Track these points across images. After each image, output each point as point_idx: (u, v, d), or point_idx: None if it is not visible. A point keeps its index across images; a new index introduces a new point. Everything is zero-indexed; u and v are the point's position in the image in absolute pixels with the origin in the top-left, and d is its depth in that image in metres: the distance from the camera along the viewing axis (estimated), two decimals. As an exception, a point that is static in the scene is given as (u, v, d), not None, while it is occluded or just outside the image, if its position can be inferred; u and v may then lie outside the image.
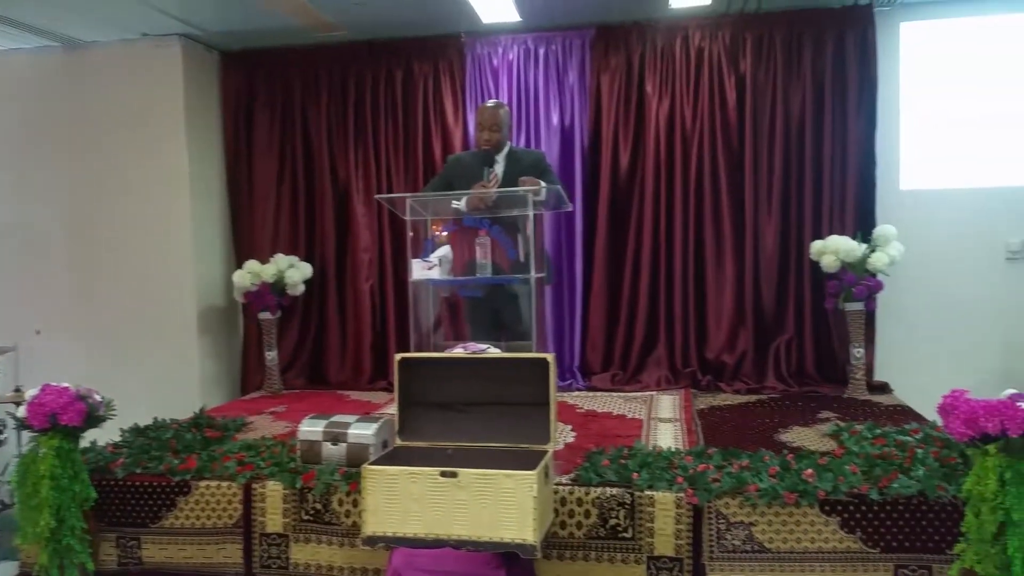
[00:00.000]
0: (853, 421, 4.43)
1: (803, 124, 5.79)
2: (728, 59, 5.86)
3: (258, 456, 3.90)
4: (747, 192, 5.84)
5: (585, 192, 6.06)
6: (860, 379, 5.36)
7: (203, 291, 6.18)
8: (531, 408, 3.35)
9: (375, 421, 3.75)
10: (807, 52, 5.76)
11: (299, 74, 6.39)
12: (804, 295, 5.78)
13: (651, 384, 5.82)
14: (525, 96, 6.13)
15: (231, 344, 6.50)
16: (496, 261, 4.20)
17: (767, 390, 5.61)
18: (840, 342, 5.64)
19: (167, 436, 4.24)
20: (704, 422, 4.70)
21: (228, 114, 6.45)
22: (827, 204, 5.75)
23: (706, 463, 3.55)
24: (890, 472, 3.36)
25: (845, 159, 5.72)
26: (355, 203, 6.33)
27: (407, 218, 4.22)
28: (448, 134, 6.19)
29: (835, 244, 5.35)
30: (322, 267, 6.38)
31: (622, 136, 5.99)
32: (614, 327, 6.02)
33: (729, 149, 5.85)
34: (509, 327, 4.45)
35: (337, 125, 6.37)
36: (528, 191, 4.02)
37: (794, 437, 4.31)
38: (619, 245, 6.02)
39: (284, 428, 4.76)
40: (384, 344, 6.31)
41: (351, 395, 5.93)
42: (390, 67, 6.28)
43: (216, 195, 6.41)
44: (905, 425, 4.20)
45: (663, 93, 5.94)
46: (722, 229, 5.87)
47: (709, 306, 5.90)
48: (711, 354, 5.86)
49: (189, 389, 5.98)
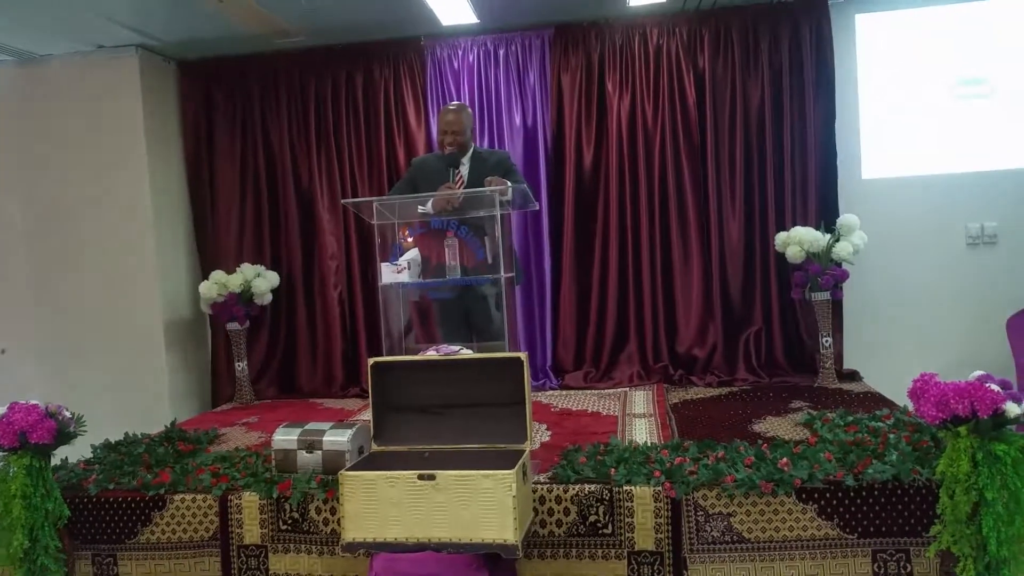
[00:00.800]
0: (825, 409, 4.47)
1: (763, 117, 5.83)
2: (687, 55, 5.89)
3: (233, 467, 3.87)
4: (710, 186, 5.88)
5: (550, 191, 6.07)
6: (830, 368, 5.40)
7: (169, 304, 6.10)
8: (506, 408, 3.35)
9: (350, 427, 3.73)
10: (764, 46, 5.81)
11: (258, 81, 6.34)
12: (771, 286, 5.83)
13: (624, 381, 5.83)
14: (487, 97, 6.13)
15: (200, 356, 6.43)
16: (464, 262, 4.19)
17: (738, 382, 5.65)
18: (808, 332, 5.70)
19: (139, 451, 4.19)
20: (678, 416, 4.72)
21: (188, 124, 6.38)
22: (790, 195, 5.80)
23: (682, 456, 3.57)
24: (864, 458, 3.38)
25: (806, 150, 5.77)
26: (320, 210, 6.29)
27: (374, 222, 4.18)
28: (411, 137, 6.17)
29: (799, 235, 5.38)
30: (289, 275, 6.33)
31: (585, 134, 6.01)
32: (585, 325, 6.03)
33: (691, 144, 5.88)
34: (480, 328, 4.43)
35: (299, 132, 6.33)
36: (494, 191, 4.01)
37: (768, 427, 4.33)
38: (586, 243, 6.03)
39: (257, 438, 4.73)
40: (355, 351, 6.27)
41: (324, 403, 5.88)
42: (350, 72, 6.25)
43: (179, 206, 6.34)
44: (876, 411, 4.23)
45: (624, 91, 5.97)
46: (687, 224, 5.90)
47: (678, 301, 5.93)
48: (682, 348, 5.89)
49: (159, 403, 5.91)
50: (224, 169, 6.38)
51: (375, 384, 3.45)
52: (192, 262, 6.43)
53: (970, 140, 5.80)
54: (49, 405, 3.56)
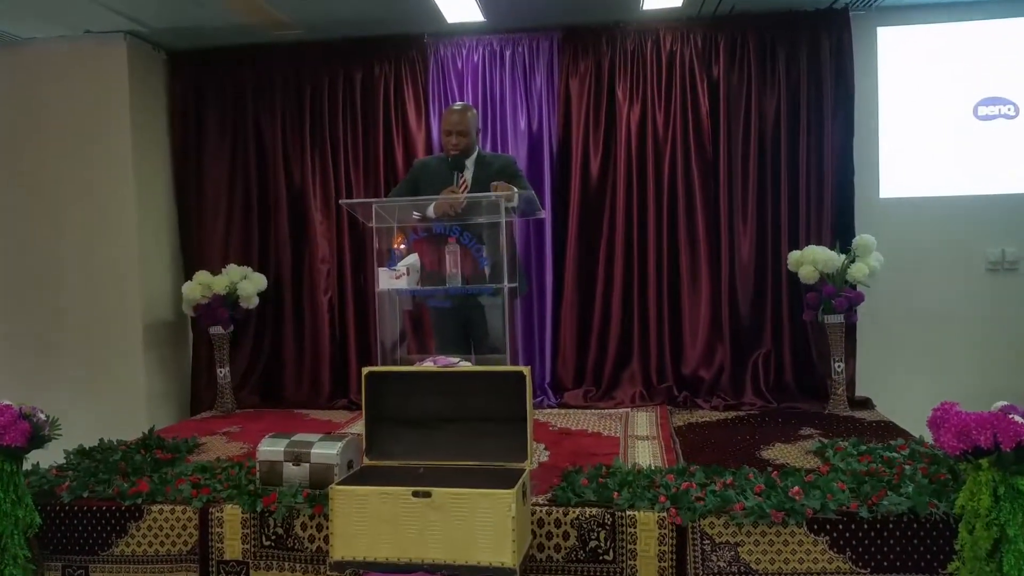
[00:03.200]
0: (837, 437, 4.46)
1: (778, 130, 5.85)
2: (701, 64, 5.91)
3: (214, 478, 3.85)
4: (722, 201, 5.89)
5: (554, 200, 6.07)
6: (841, 394, 5.39)
7: (150, 304, 6.07)
8: (506, 424, 3.34)
9: (339, 440, 3.71)
10: (781, 56, 5.83)
11: (252, 75, 6.33)
12: (782, 307, 5.83)
13: (626, 401, 5.82)
14: (491, 100, 6.13)
15: (180, 361, 6.40)
16: (465, 270, 4.19)
17: (746, 406, 5.64)
18: (820, 356, 5.69)
19: (115, 458, 4.18)
20: (683, 439, 4.72)
21: (176, 117, 6.37)
22: (804, 213, 5.81)
23: (689, 481, 3.56)
24: (879, 489, 3.38)
25: (822, 166, 5.79)
26: (312, 211, 6.27)
27: (372, 225, 4.18)
28: (410, 139, 6.16)
29: (813, 254, 5.38)
30: (277, 279, 6.30)
31: (592, 142, 6.02)
32: (586, 341, 6.02)
33: (702, 156, 5.89)
34: (479, 340, 4.44)
35: (292, 129, 6.32)
36: (500, 197, 4.01)
37: (777, 454, 4.33)
38: (590, 255, 6.03)
39: (240, 449, 4.71)
40: (344, 360, 6.25)
41: (310, 414, 5.86)
42: (349, 68, 6.25)
43: (163, 202, 6.32)
44: (891, 441, 4.25)
45: (634, 98, 5.98)
46: (696, 239, 5.91)
47: (684, 319, 5.93)
48: (687, 369, 5.88)
49: (135, 409, 5.87)
50: (213, 165, 6.37)
51: (369, 395, 3.44)
52: (175, 261, 6.40)
53: (993, 161, 5.82)
54: (23, 406, 3.53)
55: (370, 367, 3.48)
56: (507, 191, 4.08)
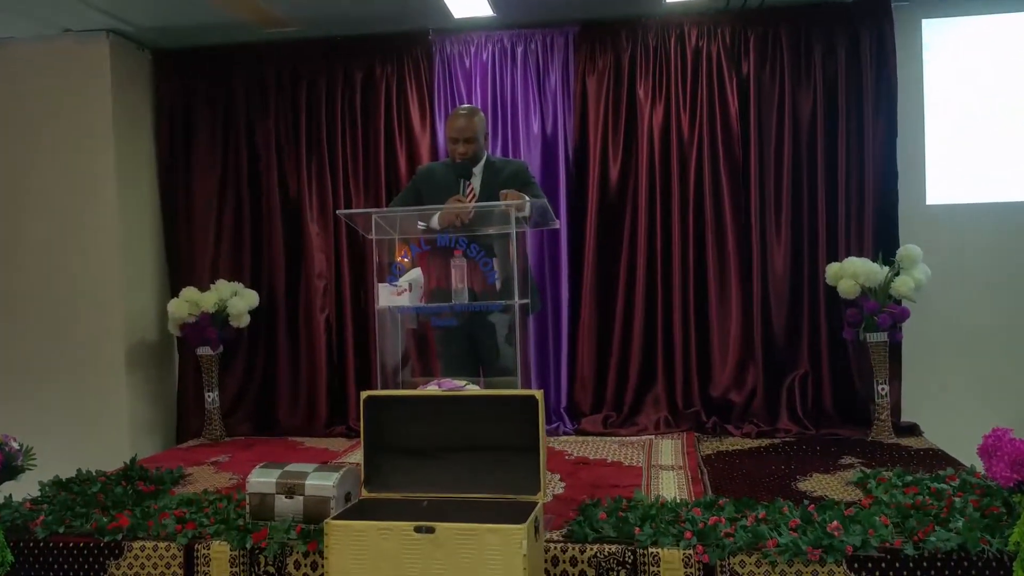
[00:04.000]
0: (880, 467, 4.44)
1: (815, 132, 5.84)
2: (729, 60, 5.91)
3: (201, 512, 3.85)
4: (753, 209, 5.88)
5: (570, 209, 6.08)
6: (885, 420, 5.37)
7: (133, 323, 6.09)
8: (517, 453, 3.33)
9: (336, 470, 3.71)
10: (817, 52, 5.83)
11: (244, 76, 6.37)
12: (820, 325, 5.80)
13: (649, 427, 5.81)
14: (502, 101, 6.16)
15: (165, 384, 6.42)
16: (473, 286, 4.18)
17: (780, 433, 5.61)
18: (862, 378, 5.66)
19: (94, 490, 4.18)
20: (711, 469, 4.70)
21: (162, 121, 6.41)
22: (843, 222, 5.79)
23: (718, 516, 3.54)
24: (926, 524, 3.35)
25: (863, 171, 5.77)
26: (308, 222, 6.29)
27: (372, 237, 4.18)
28: (414, 144, 6.18)
29: (853, 267, 5.37)
30: (270, 296, 6.32)
31: (611, 146, 6.02)
32: (606, 362, 6.01)
33: (732, 160, 5.89)
34: (488, 361, 4.44)
35: (287, 134, 6.35)
36: (511, 206, 4.01)
37: (814, 486, 4.31)
38: (610, 269, 6.02)
39: (229, 480, 4.71)
40: (342, 384, 6.26)
41: (305, 442, 5.87)
42: (348, 68, 6.28)
43: (148, 212, 6.35)
44: (939, 471, 4.22)
45: (657, 98, 5.99)
46: (726, 250, 5.90)
47: (713, 338, 5.91)
48: (716, 392, 5.86)
49: (117, 436, 5.88)
50: (201, 173, 6.40)
51: (368, 421, 3.43)
52: (161, 276, 6.43)
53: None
54: (-6, 434, 3.54)
55: (370, 391, 3.47)
56: (518, 199, 4.07)
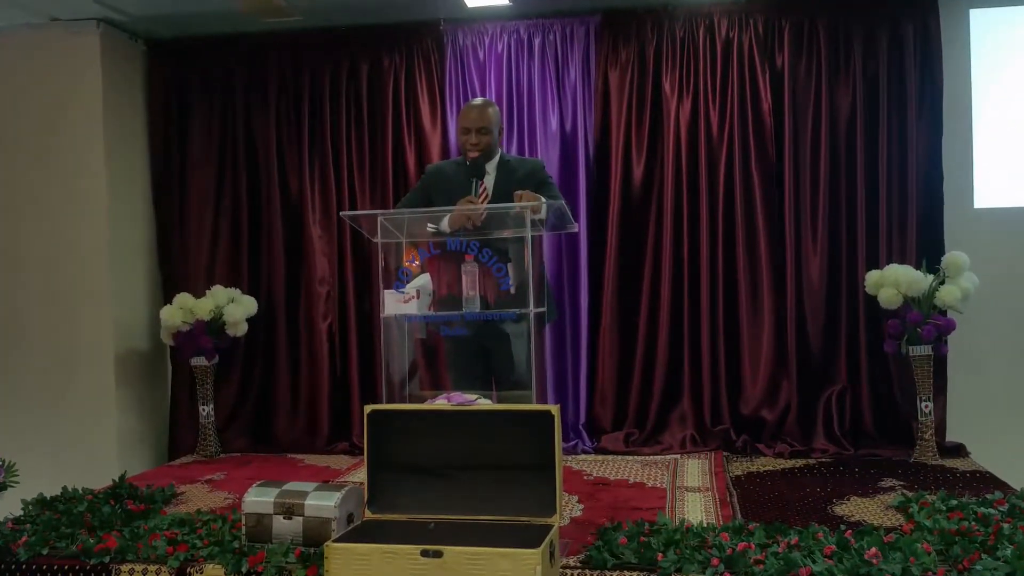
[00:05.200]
0: (923, 490, 4.42)
1: (854, 130, 5.83)
2: (762, 53, 5.91)
3: (193, 533, 3.85)
4: (787, 212, 5.87)
5: (591, 211, 6.09)
6: (929, 439, 5.34)
7: (122, 330, 6.12)
8: (531, 472, 3.35)
9: (337, 490, 3.70)
10: (857, 43, 5.83)
11: (243, 68, 6.41)
12: (859, 337, 5.79)
13: (674, 446, 5.80)
14: (517, 95, 6.17)
15: (156, 397, 6.45)
16: (485, 293, 4.18)
17: (816, 453, 5.60)
18: (904, 394, 5.64)
19: (80, 509, 4.19)
20: (741, 492, 4.70)
21: (156, 116, 6.46)
22: (884, 226, 5.78)
23: (747, 541, 3.53)
24: (972, 552, 3.34)
25: (906, 172, 5.76)
26: (310, 224, 6.32)
27: (377, 240, 4.19)
28: (424, 141, 6.20)
29: (895, 275, 5.35)
30: (269, 302, 6.35)
31: (635, 144, 6.03)
32: (628, 376, 6.01)
33: (764, 160, 5.89)
34: (501, 374, 4.42)
35: (289, 130, 6.38)
36: (526, 207, 4.01)
37: (852, 510, 4.30)
38: (633, 276, 6.02)
39: (224, 499, 4.73)
40: (346, 397, 6.27)
41: (305, 459, 5.89)
42: (354, 60, 6.31)
43: (140, 213, 6.39)
44: (987, 495, 4.20)
45: (684, 92, 5.99)
46: (757, 256, 5.89)
47: (744, 350, 5.90)
48: (747, 409, 5.85)
49: (106, 452, 5.91)
50: (197, 172, 6.43)
51: (372, 437, 3.44)
52: (153, 281, 6.47)
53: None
54: (-24, 449, 3.56)
55: (374, 405, 3.48)
56: (534, 201, 4.07)
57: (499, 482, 3.38)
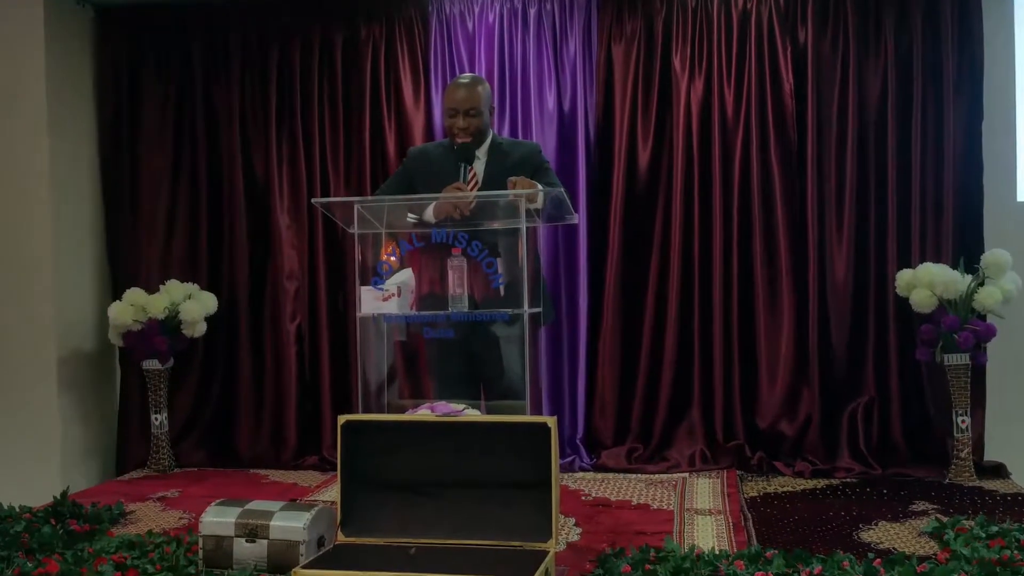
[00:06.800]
0: (959, 515, 4.41)
1: (884, 114, 5.83)
2: (783, 27, 5.90)
3: (144, 558, 3.84)
4: (809, 204, 5.87)
5: (591, 201, 6.09)
6: (966, 458, 5.35)
7: (66, 330, 6.09)
8: (524, 491, 3.37)
9: (307, 510, 3.71)
10: (889, 19, 5.82)
11: (203, 39, 6.38)
12: (888, 343, 5.79)
13: (682, 463, 5.80)
14: (510, 72, 6.15)
15: (104, 404, 6.42)
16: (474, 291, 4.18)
17: (840, 472, 5.60)
18: (938, 407, 5.65)
19: (17, 529, 4.19)
20: (757, 515, 4.70)
21: (105, 91, 6.42)
22: (917, 221, 5.78)
23: (764, 570, 3.54)
24: (1015, 583, 3.34)
25: (941, 161, 5.76)
26: (277, 213, 6.30)
27: (354, 231, 4.18)
28: (406, 121, 6.19)
29: (930, 275, 5.36)
30: (231, 299, 6.33)
31: (641, 127, 6.02)
32: (631, 385, 6.01)
33: (785, 146, 5.89)
34: (491, 381, 4.44)
35: (254, 107, 6.36)
36: (520, 195, 4.00)
37: (880, 536, 4.30)
38: (637, 273, 6.03)
39: (179, 520, 4.73)
40: (316, 405, 6.26)
41: (270, 475, 5.89)
42: (327, 31, 6.29)
43: (87, 201, 6.36)
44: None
45: (696, 71, 5.99)
46: (776, 253, 5.90)
47: (760, 356, 5.91)
48: (763, 422, 5.86)
49: (46, 465, 5.86)
50: (151, 154, 6.40)
51: (345, 451, 3.45)
52: (100, 276, 6.44)
53: None
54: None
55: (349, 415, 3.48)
56: (530, 188, 4.07)
57: (488, 502, 3.40)
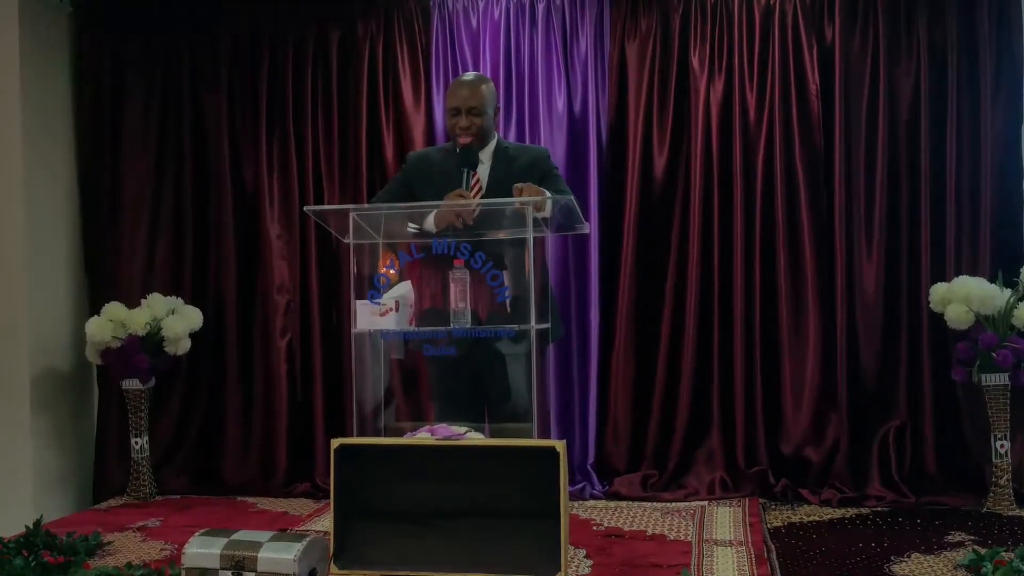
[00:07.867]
0: (998, 547, 4.39)
1: (917, 116, 5.83)
2: (808, 24, 5.91)
3: (123, 591, 3.84)
4: (837, 212, 5.87)
5: (603, 209, 6.09)
6: (1005, 485, 5.33)
7: (40, 347, 6.09)
8: (531, 521, 3.38)
9: (297, 540, 3.67)
10: (921, 15, 5.83)
11: (189, 35, 6.40)
12: (921, 362, 5.77)
13: (702, 491, 5.79)
14: (517, 72, 6.18)
15: (81, 427, 6.42)
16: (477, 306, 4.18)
17: (871, 501, 5.58)
18: (975, 432, 5.64)
19: (-13, 561, 4.19)
20: (781, 546, 4.68)
21: (84, 91, 6.44)
22: (953, 231, 5.77)
23: (790, 606, 3.52)
24: (1059, 620, 3.33)
25: (978, 167, 5.75)
26: (268, 222, 6.31)
27: (349, 241, 4.18)
28: (405, 124, 6.20)
29: (966, 289, 5.35)
30: (218, 315, 6.34)
31: (656, 130, 6.03)
32: (646, 407, 6.00)
33: (811, 151, 5.89)
34: (496, 403, 4.45)
35: (244, 111, 6.38)
36: (527, 203, 4.00)
37: (913, 569, 4.28)
38: (653, 286, 6.02)
39: (160, 551, 4.72)
40: (308, 428, 6.25)
41: (258, 503, 5.89)
42: (322, 27, 6.31)
43: (63, 207, 6.37)
44: (1075, 552, 4.18)
45: (716, 70, 6.00)
46: (801, 265, 5.89)
47: (784, 377, 5.90)
48: (788, 448, 5.84)
49: (18, 493, 5.88)
50: (133, 159, 6.42)
51: (339, 477, 3.45)
52: (78, 290, 6.45)
53: None
54: None
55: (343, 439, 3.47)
56: (537, 196, 4.07)
57: (492, 532, 3.41)
